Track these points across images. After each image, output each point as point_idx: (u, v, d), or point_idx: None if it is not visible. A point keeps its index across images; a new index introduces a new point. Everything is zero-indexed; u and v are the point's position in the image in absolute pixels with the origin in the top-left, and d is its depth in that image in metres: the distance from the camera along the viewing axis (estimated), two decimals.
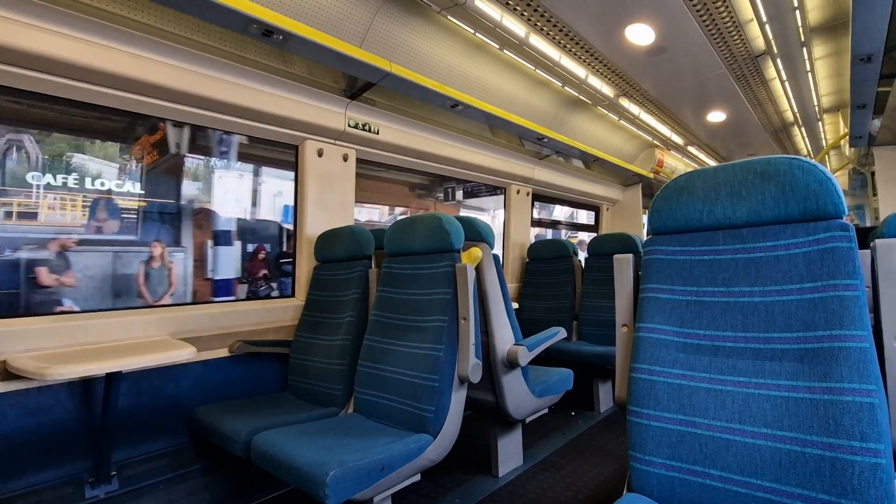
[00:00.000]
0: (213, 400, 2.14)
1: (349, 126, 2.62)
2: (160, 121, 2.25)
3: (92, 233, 5.18)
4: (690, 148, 5.31)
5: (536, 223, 4.72)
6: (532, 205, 4.34)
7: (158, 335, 2.00)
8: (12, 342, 1.65)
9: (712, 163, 5.92)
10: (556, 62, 2.90)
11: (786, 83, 3.64)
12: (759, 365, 0.99)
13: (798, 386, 0.93)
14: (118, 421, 1.83)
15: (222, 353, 2.19)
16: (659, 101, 3.87)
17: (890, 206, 4.73)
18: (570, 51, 2.91)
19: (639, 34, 2.73)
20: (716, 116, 4.30)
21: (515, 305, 3.77)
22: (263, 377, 2.35)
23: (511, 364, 2.16)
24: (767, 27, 2.75)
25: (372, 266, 2.30)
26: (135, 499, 1.87)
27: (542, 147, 3.87)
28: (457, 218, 2.01)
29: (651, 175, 5.05)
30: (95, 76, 1.81)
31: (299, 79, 2.40)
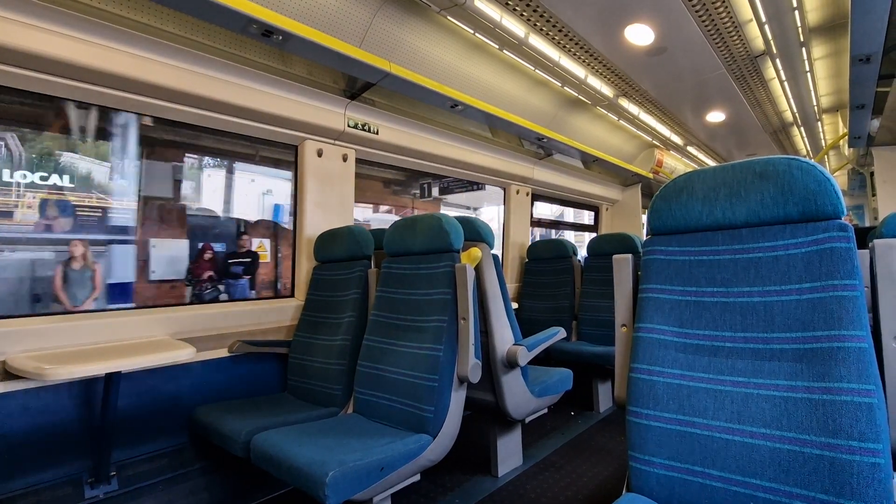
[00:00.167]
0: (213, 400, 2.14)
1: (349, 126, 2.62)
2: (160, 120, 2.24)
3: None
4: (690, 148, 5.32)
5: (536, 223, 4.72)
6: (532, 205, 4.35)
7: (158, 335, 2.00)
8: (12, 342, 1.65)
9: (711, 163, 5.93)
10: (556, 62, 2.90)
11: (785, 83, 3.65)
12: (759, 365, 0.99)
13: (797, 386, 0.93)
14: (118, 421, 1.83)
15: (222, 354, 2.19)
16: (658, 102, 3.87)
17: (889, 207, 4.73)
18: (570, 51, 2.91)
19: (638, 34, 2.73)
20: (715, 116, 4.30)
21: (515, 305, 3.77)
22: (263, 377, 2.35)
23: (510, 364, 2.16)
24: (767, 27, 2.75)
25: (371, 266, 2.30)
26: (134, 499, 1.87)
27: (542, 147, 3.87)
28: (456, 218, 2.02)
29: (650, 175, 5.05)
30: (95, 76, 1.81)
31: (299, 79, 2.40)
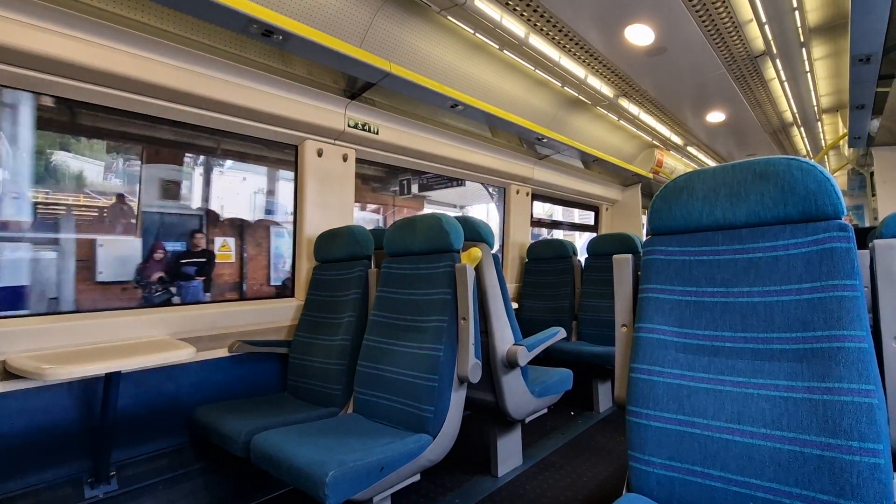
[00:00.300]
0: (213, 400, 2.14)
1: (349, 126, 2.62)
2: (159, 121, 2.24)
3: None
4: (690, 148, 5.32)
5: (536, 223, 4.72)
6: (532, 205, 4.35)
7: (158, 335, 2.00)
8: (12, 342, 1.65)
9: (711, 163, 5.93)
10: (556, 62, 2.90)
11: (785, 84, 3.65)
12: (759, 365, 0.99)
13: (797, 386, 0.93)
14: (118, 421, 1.83)
15: (222, 354, 2.19)
16: (658, 102, 3.87)
17: (888, 207, 4.73)
18: (570, 51, 2.91)
19: (638, 35, 2.73)
20: (715, 117, 4.30)
21: (515, 305, 3.77)
22: (263, 377, 2.35)
23: (511, 364, 2.16)
24: (767, 28, 2.75)
25: (371, 266, 2.30)
26: (134, 499, 1.87)
27: (542, 147, 3.87)
28: (456, 218, 2.02)
29: (650, 175, 5.05)
30: (95, 76, 1.81)
31: (299, 79, 2.40)
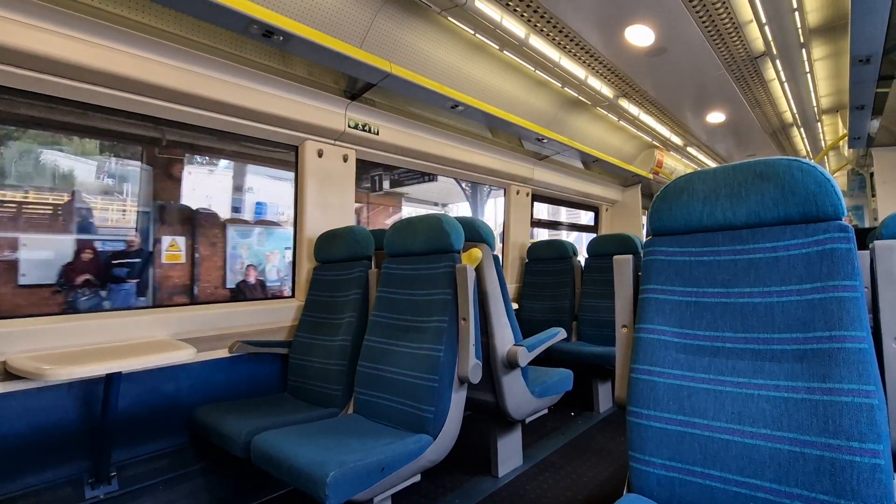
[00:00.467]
0: (213, 400, 2.14)
1: (349, 127, 2.62)
2: (159, 121, 2.24)
3: None
4: (690, 149, 5.32)
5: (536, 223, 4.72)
6: (532, 205, 4.35)
7: (158, 336, 2.00)
8: (12, 342, 1.65)
9: (711, 163, 5.93)
10: (556, 63, 2.90)
11: (785, 84, 3.65)
12: (759, 366, 0.99)
13: (797, 387, 0.93)
14: (118, 421, 1.83)
15: (222, 354, 2.19)
16: (658, 102, 3.87)
17: (888, 207, 4.73)
18: (570, 52, 2.91)
19: (638, 35, 2.73)
20: (715, 117, 4.31)
21: (515, 306, 3.77)
22: (263, 378, 2.35)
23: (511, 364, 2.16)
24: (767, 28, 2.76)
25: (372, 266, 2.30)
26: (134, 499, 1.87)
27: (542, 148, 3.87)
28: (456, 218, 2.02)
29: (650, 176, 5.06)
30: (95, 76, 1.81)
31: (299, 79, 2.40)
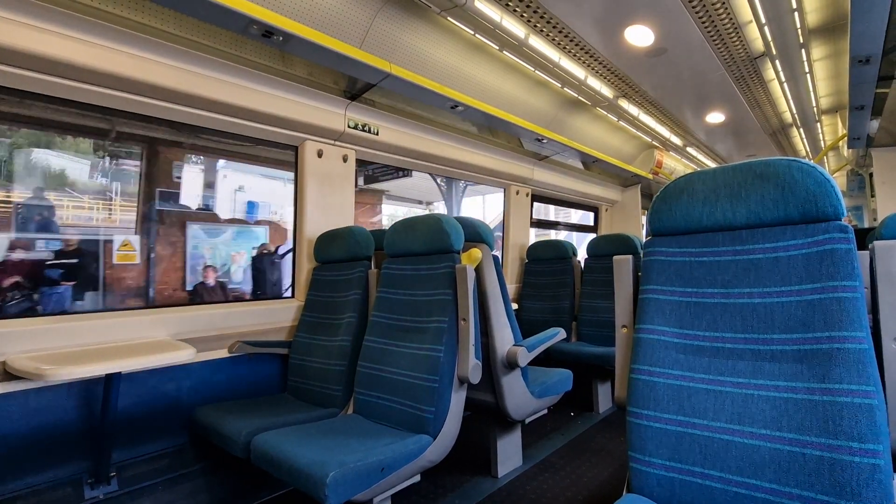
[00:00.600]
0: (213, 401, 2.14)
1: (349, 127, 2.62)
2: (159, 121, 2.24)
3: None
4: (689, 149, 5.32)
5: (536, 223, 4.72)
6: (531, 205, 4.35)
7: (158, 336, 2.00)
8: (12, 343, 1.65)
9: (711, 164, 5.94)
10: (556, 63, 2.90)
11: (784, 84, 3.65)
12: (759, 366, 0.99)
13: (797, 387, 0.93)
14: (118, 422, 1.83)
15: (222, 354, 2.19)
16: (658, 102, 3.88)
17: (888, 208, 4.74)
18: (570, 52, 2.92)
19: (638, 35, 2.73)
20: (715, 118, 4.31)
21: (515, 306, 3.77)
22: (263, 378, 2.35)
23: (511, 365, 2.16)
24: (766, 29, 2.76)
25: (372, 267, 2.30)
26: (134, 499, 1.87)
27: (542, 148, 3.87)
28: (456, 219, 2.02)
29: (650, 176, 5.06)
30: (95, 77, 1.81)
31: (299, 80, 2.40)
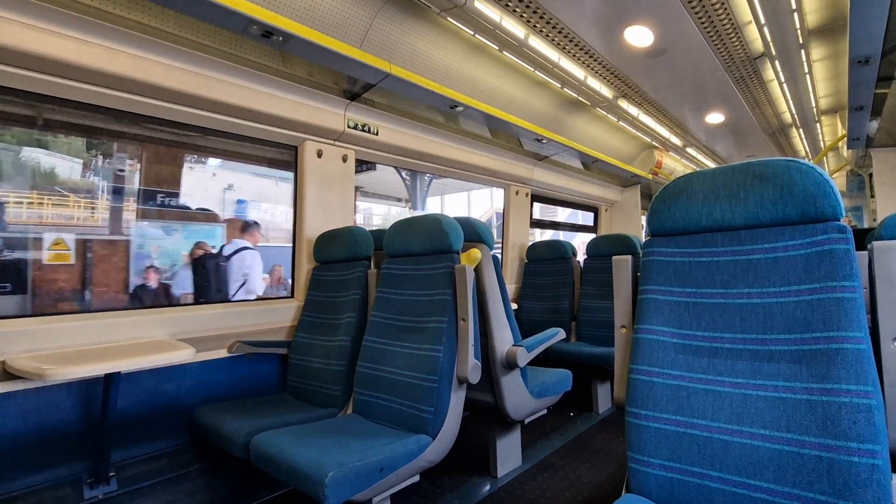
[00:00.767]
0: (213, 401, 2.14)
1: (349, 127, 2.62)
2: (159, 122, 2.24)
3: None
4: (689, 149, 5.32)
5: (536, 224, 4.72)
6: (531, 205, 4.35)
7: (158, 336, 2.00)
8: (11, 342, 1.65)
9: (711, 164, 5.94)
10: (556, 63, 2.91)
11: (784, 85, 3.65)
12: (758, 366, 0.99)
13: (796, 387, 0.94)
14: (117, 421, 1.83)
15: (221, 354, 2.19)
16: (658, 103, 3.88)
17: (887, 208, 4.74)
18: (569, 52, 2.92)
19: (638, 36, 2.74)
20: (714, 118, 4.31)
21: (514, 306, 3.77)
22: (263, 378, 2.35)
23: (510, 365, 2.16)
24: (766, 29, 2.76)
25: (371, 267, 2.30)
26: (134, 499, 1.86)
27: (542, 148, 3.87)
28: (456, 219, 2.02)
29: (650, 176, 5.06)
30: (95, 77, 1.81)
31: (299, 80, 2.40)
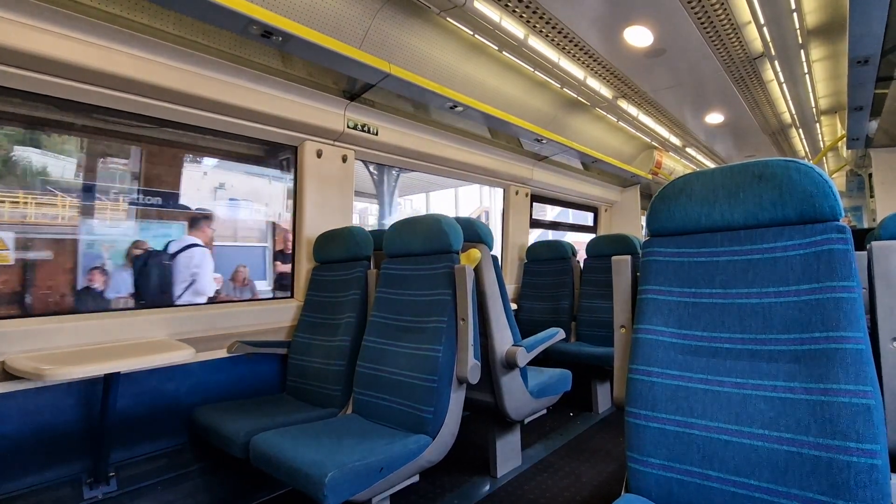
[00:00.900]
0: (212, 401, 2.14)
1: (348, 127, 2.62)
2: (159, 122, 2.24)
3: None
4: (689, 149, 5.33)
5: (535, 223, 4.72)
6: (531, 206, 4.35)
7: (157, 336, 2.00)
8: (11, 343, 1.65)
9: (710, 164, 5.94)
10: (555, 64, 2.91)
11: (783, 85, 3.65)
12: (757, 366, 0.99)
13: (795, 387, 0.94)
14: (117, 422, 1.83)
15: (221, 354, 2.19)
16: (657, 103, 3.88)
17: (887, 208, 4.74)
18: (569, 52, 2.92)
19: (637, 36, 2.74)
20: (714, 118, 4.31)
21: (514, 306, 3.77)
22: (262, 378, 2.35)
23: (510, 365, 2.16)
24: (765, 29, 2.76)
25: (371, 267, 2.30)
26: (133, 499, 1.86)
27: (541, 148, 3.87)
28: (455, 219, 2.02)
29: (649, 176, 5.06)
30: (95, 77, 1.81)
31: (299, 80, 2.40)
